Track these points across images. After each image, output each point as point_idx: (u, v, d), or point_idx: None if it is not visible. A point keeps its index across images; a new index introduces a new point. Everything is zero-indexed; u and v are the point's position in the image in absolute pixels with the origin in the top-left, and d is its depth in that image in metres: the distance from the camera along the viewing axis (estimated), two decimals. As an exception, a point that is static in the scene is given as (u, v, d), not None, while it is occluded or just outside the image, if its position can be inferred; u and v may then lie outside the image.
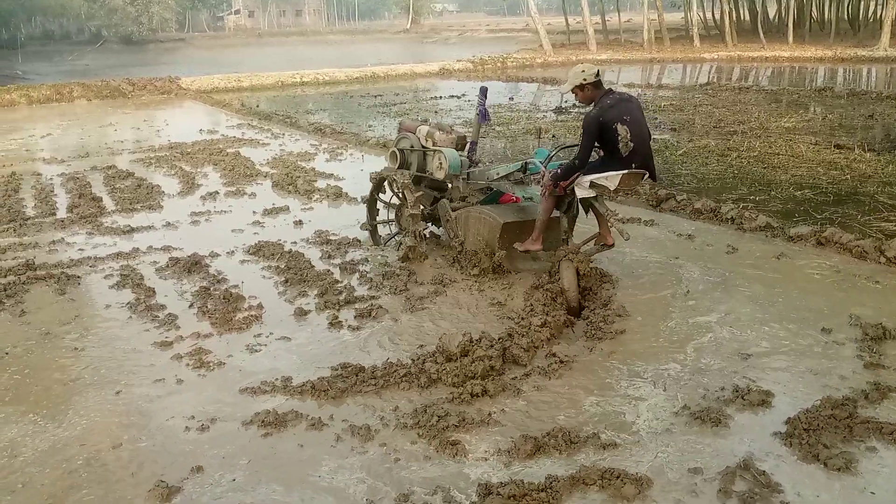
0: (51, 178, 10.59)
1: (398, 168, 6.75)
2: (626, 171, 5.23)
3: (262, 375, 4.41)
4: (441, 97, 19.96)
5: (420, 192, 6.49)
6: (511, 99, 18.83)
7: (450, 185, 6.44)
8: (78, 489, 3.42)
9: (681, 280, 5.79)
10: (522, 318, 5.06)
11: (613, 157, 5.24)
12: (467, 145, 6.63)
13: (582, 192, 5.41)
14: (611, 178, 5.25)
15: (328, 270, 6.24)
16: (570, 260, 5.32)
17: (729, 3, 34.29)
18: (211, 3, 79.50)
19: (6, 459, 3.66)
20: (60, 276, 6.28)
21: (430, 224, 6.83)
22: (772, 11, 41.00)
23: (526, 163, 5.99)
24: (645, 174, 5.38)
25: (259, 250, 6.84)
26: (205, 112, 18.87)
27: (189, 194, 9.36)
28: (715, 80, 22.78)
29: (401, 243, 6.55)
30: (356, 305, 5.47)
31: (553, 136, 12.76)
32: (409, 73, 27.72)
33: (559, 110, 16.29)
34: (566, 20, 40.87)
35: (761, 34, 33.00)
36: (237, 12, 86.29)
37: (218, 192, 9.33)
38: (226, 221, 8.07)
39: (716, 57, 30.39)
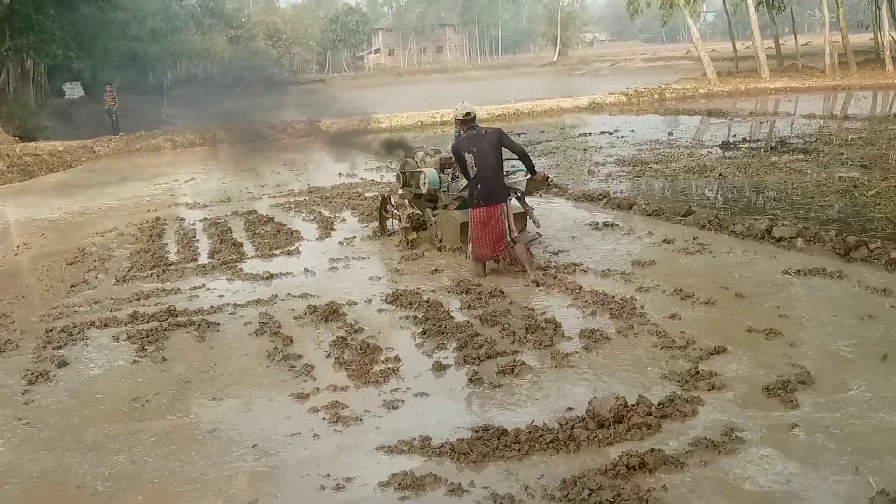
0: (193, 223, 11.46)
1: (402, 186, 9.29)
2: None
3: (400, 434, 4.51)
4: (590, 133, 19.86)
5: (412, 209, 8.98)
6: (670, 134, 18.43)
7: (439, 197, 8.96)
8: (214, 545, 3.61)
9: (873, 343, 5.40)
10: (686, 381, 4.89)
11: (471, 175, 7.41)
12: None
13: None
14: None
15: (468, 322, 6.32)
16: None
17: (929, 20, 32.22)
18: (351, 43, 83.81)
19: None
20: (201, 322, 6.75)
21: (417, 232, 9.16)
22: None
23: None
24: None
25: (397, 299, 7.04)
26: (344, 155, 19.76)
27: (327, 238, 9.83)
28: (913, 108, 21.33)
29: (401, 239, 9.12)
30: (497, 360, 5.50)
31: (721, 176, 12.36)
32: (556, 108, 27.79)
33: (726, 145, 15.78)
34: (733, 45, 39.81)
35: (970, 54, 30.70)
36: (377, 51, 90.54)
37: (355, 237, 9.73)
38: (363, 268, 8.40)
39: (913, 82, 28.50)
